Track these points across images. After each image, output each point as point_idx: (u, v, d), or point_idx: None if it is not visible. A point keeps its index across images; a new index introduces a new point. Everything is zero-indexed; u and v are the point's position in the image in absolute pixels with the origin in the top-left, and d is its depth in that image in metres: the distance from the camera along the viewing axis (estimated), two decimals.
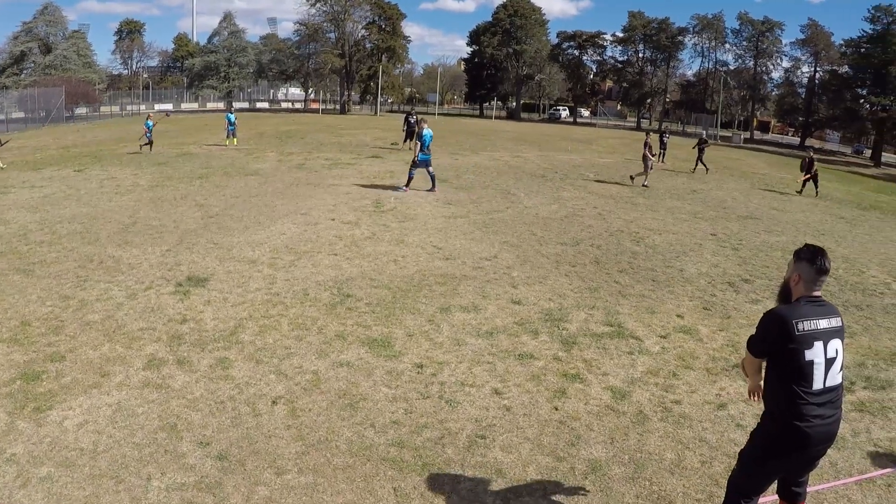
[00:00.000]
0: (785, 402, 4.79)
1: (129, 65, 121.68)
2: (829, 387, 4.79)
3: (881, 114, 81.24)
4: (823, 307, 4.90)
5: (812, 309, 4.83)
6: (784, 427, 4.80)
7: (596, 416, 7.70)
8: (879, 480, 6.67)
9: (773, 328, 4.82)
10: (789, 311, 4.83)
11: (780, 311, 4.88)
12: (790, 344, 4.72)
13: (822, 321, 4.80)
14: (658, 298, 12.38)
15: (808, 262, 4.88)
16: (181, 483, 6.00)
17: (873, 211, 28.27)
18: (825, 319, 4.83)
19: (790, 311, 4.83)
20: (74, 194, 20.03)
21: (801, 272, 4.92)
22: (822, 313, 4.84)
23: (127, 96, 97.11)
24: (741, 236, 18.68)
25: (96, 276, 11.94)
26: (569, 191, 25.45)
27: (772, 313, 4.91)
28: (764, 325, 4.92)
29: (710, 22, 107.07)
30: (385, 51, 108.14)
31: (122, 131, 48.54)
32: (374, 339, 9.56)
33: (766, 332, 4.90)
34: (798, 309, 4.83)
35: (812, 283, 4.89)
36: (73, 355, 8.59)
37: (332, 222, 17.18)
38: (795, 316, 4.76)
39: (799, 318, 4.74)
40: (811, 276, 4.87)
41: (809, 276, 4.88)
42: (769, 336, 4.87)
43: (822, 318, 4.82)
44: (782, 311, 4.87)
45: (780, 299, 5.14)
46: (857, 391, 8.81)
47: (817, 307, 4.86)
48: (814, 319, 4.77)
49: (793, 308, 4.86)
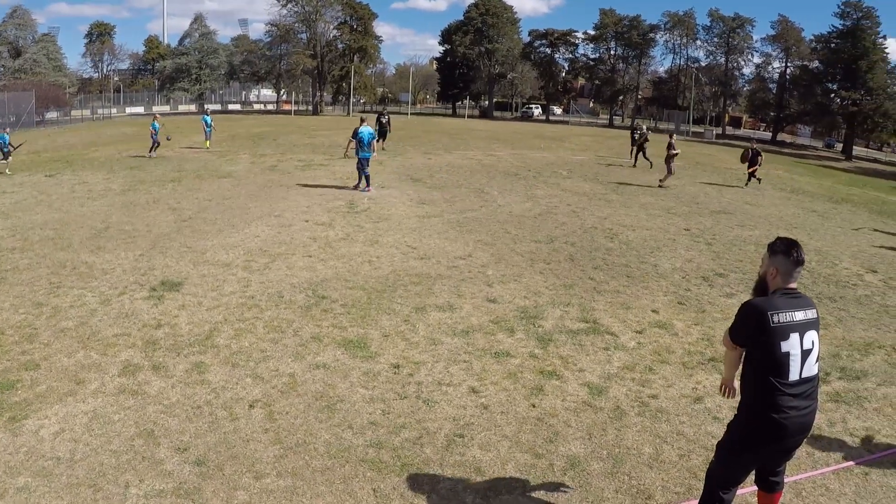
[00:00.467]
0: (761, 394, 4.83)
1: (99, 68, 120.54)
2: (804, 378, 4.84)
3: (852, 108, 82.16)
4: (799, 299, 4.95)
5: (787, 301, 4.88)
6: (761, 419, 4.84)
7: (573, 412, 7.74)
8: (856, 469, 6.77)
9: (750, 320, 4.88)
10: (765, 303, 4.88)
11: (755, 303, 4.93)
12: (765, 336, 4.77)
13: (797, 313, 4.85)
14: (633, 294, 12.44)
15: (783, 254, 4.94)
16: (160, 490, 5.97)
17: (845, 204, 28.53)
18: (801, 311, 4.88)
19: (766, 303, 4.88)
20: (46, 200, 19.87)
21: (777, 265, 4.97)
22: (797, 305, 4.89)
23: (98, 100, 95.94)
24: (714, 231, 18.80)
25: (69, 283, 11.85)
26: (542, 188, 25.49)
27: (748, 305, 4.96)
28: (741, 315, 4.98)
29: (682, 19, 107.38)
30: (357, 51, 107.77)
31: (94, 135, 48.15)
32: (350, 341, 9.55)
33: (743, 323, 4.95)
34: (773, 301, 4.88)
35: (788, 275, 4.94)
36: (47, 363, 8.53)
37: (306, 224, 17.14)
38: (770, 308, 4.81)
39: (774, 310, 4.80)
40: (787, 268, 4.92)
41: (785, 269, 4.93)
42: (746, 327, 4.92)
43: (797, 310, 4.87)
44: (758, 303, 4.92)
45: (757, 293, 5.17)
46: (833, 381, 8.93)
47: (793, 299, 4.91)
48: (789, 311, 4.82)
49: (768, 300, 4.90)
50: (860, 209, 27.36)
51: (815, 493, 6.32)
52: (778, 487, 5.44)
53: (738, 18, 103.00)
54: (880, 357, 10.01)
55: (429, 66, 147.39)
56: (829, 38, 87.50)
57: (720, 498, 5.19)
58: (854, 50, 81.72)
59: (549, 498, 6.11)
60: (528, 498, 6.10)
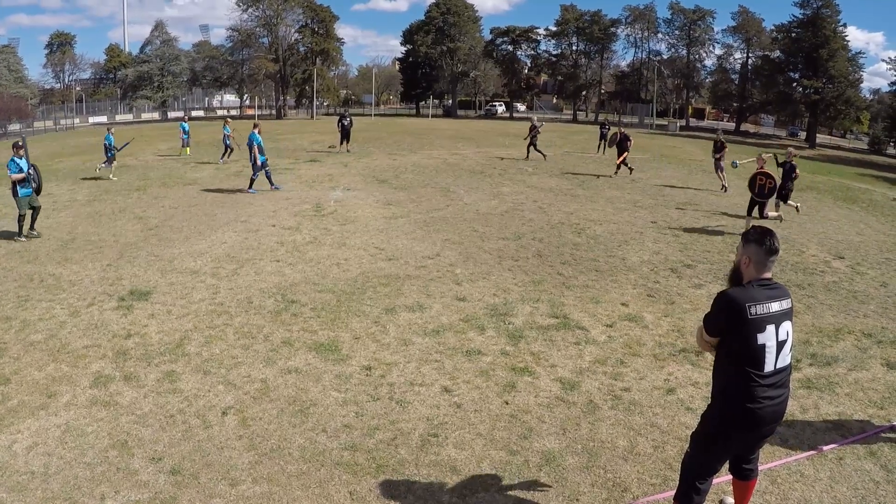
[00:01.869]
0: (736, 384, 4.86)
1: (61, 78, 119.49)
2: (779, 368, 4.89)
3: (814, 96, 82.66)
4: (775, 290, 4.96)
5: (764, 292, 4.88)
6: (735, 408, 4.87)
7: (546, 407, 7.78)
8: (830, 454, 6.86)
9: (726, 311, 4.87)
10: (742, 294, 4.86)
11: (732, 294, 4.91)
12: (742, 327, 4.78)
13: (773, 304, 4.86)
14: (602, 288, 12.52)
15: (756, 243, 4.91)
16: (135, 500, 5.96)
17: (810, 191, 28.75)
18: (777, 302, 4.89)
19: (743, 294, 4.86)
20: (11, 213, 19.63)
21: (750, 254, 4.95)
22: (774, 296, 4.90)
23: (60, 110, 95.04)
24: (681, 223, 18.94)
25: (37, 295, 11.75)
26: (508, 186, 25.55)
27: (725, 296, 4.93)
28: (717, 306, 4.95)
29: (642, 13, 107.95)
30: (319, 53, 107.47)
31: (58, 146, 47.66)
32: (320, 344, 9.55)
33: (718, 314, 4.93)
34: (750, 292, 4.86)
35: (762, 264, 4.92)
36: (17, 377, 8.46)
37: (273, 228, 17.09)
38: (748, 299, 4.80)
39: (752, 301, 4.79)
40: (761, 257, 4.90)
41: (759, 258, 4.91)
42: (721, 319, 4.91)
43: (773, 301, 4.88)
44: (735, 294, 4.89)
45: (731, 282, 5.16)
46: (804, 368, 9.05)
47: (769, 290, 4.91)
48: (766, 303, 4.83)
49: (745, 291, 4.88)
50: (825, 196, 27.62)
51: (790, 480, 6.40)
52: (752, 475, 5.50)
53: (699, 11, 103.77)
54: (850, 342, 10.15)
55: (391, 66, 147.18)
56: (789, 28, 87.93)
57: (696, 488, 5.22)
58: (815, 39, 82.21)
59: (526, 495, 6.14)
60: (505, 495, 6.13)
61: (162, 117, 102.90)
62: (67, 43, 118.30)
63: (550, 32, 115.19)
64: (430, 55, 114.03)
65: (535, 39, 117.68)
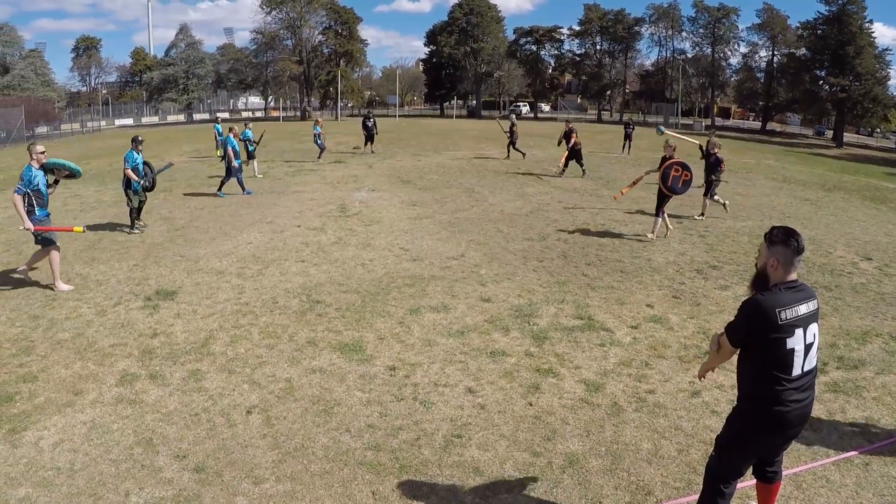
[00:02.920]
0: (763, 388, 4.78)
1: (87, 81, 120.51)
2: (806, 371, 4.81)
3: (840, 94, 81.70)
4: (803, 291, 4.84)
5: (792, 295, 4.76)
6: (763, 412, 4.80)
7: (571, 409, 7.75)
8: (857, 460, 6.78)
9: (756, 318, 4.72)
10: (771, 299, 4.72)
11: (761, 300, 4.75)
12: (773, 334, 4.66)
13: (801, 307, 4.75)
14: (627, 289, 12.46)
15: (782, 244, 4.77)
16: (159, 497, 5.99)
17: (837, 192, 28.52)
18: (804, 304, 4.78)
19: (771, 299, 4.72)
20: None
21: (776, 256, 4.80)
22: (801, 298, 4.79)
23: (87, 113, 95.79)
24: (707, 223, 18.84)
25: (65, 295, 11.84)
26: (533, 186, 25.51)
27: (753, 302, 4.78)
28: (745, 314, 4.80)
29: (666, 11, 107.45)
30: (343, 55, 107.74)
31: (84, 148, 48.08)
32: (345, 344, 9.57)
33: (747, 322, 4.78)
34: (779, 296, 4.73)
35: (789, 265, 4.78)
36: (45, 375, 8.53)
37: (298, 229, 17.14)
38: (778, 304, 4.68)
39: (781, 306, 4.67)
40: (788, 258, 4.76)
41: (786, 259, 4.76)
42: (751, 326, 4.76)
43: (801, 303, 4.76)
44: (764, 300, 4.74)
45: (756, 286, 4.98)
46: (831, 372, 8.95)
47: (797, 292, 4.79)
48: (795, 306, 4.72)
49: (774, 296, 4.74)
50: (853, 196, 27.38)
51: (815, 486, 6.33)
52: (777, 478, 5.45)
53: (723, 8, 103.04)
54: (878, 346, 10.02)
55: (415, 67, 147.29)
56: (815, 25, 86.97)
57: (721, 492, 5.16)
58: (841, 35, 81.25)
59: (548, 497, 6.12)
60: (528, 497, 6.11)
61: (187, 119, 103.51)
62: (93, 47, 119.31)
63: (574, 32, 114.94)
64: (453, 56, 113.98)
65: (559, 39, 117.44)
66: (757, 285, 4.98)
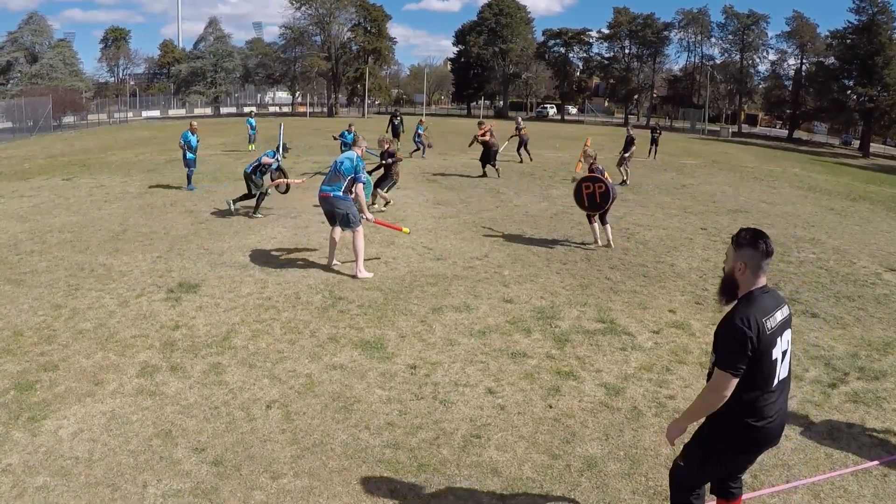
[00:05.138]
0: (744, 404, 4.51)
1: (115, 72, 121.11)
2: (782, 379, 4.63)
3: (868, 104, 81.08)
4: (776, 298, 4.66)
5: (770, 301, 4.56)
6: (744, 428, 4.57)
7: (590, 412, 7.71)
8: (875, 471, 6.68)
9: (746, 339, 4.35)
10: (753, 309, 4.45)
11: (745, 314, 4.42)
12: (761, 346, 4.38)
13: (777, 314, 4.55)
14: (650, 294, 12.40)
15: (751, 246, 4.54)
16: (177, 489, 5.99)
17: (863, 202, 28.27)
18: (779, 311, 4.58)
19: (754, 309, 4.45)
20: (64, 203, 19.97)
21: (744, 259, 4.55)
22: (776, 305, 4.59)
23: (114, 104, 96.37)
24: (731, 230, 18.57)
25: (87, 285, 11.91)
26: (558, 188, 25.41)
27: (738, 319, 4.43)
28: (734, 338, 4.40)
29: (696, 16, 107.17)
30: (371, 52, 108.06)
31: (111, 139, 48.34)
32: (366, 341, 9.56)
33: (740, 346, 4.36)
34: (759, 304, 4.49)
35: (758, 269, 4.53)
36: (66, 364, 8.57)
37: (323, 225, 17.05)
38: (761, 314, 4.43)
39: (766, 314, 4.45)
40: (757, 261, 4.52)
41: (755, 262, 4.52)
42: (745, 349, 4.36)
43: (777, 310, 4.56)
44: (748, 313, 4.42)
45: (724, 293, 4.76)
46: (852, 382, 8.82)
47: (771, 299, 4.59)
48: (773, 314, 4.51)
49: (753, 305, 4.48)
50: (878, 207, 27.13)
51: (833, 495, 6.25)
52: (740, 492, 5.32)
53: (753, 15, 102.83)
54: None
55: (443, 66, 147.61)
56: (844, 34, 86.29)
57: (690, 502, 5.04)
58: (870, 45, 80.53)
59: (566, 499, 6.09)
60: (545, 499, 6.08)
61: (214, 113, 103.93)
62: (122, 38, 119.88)
63: (603, 35, 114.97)
64: (481, 56, 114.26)
65: (588, 42, 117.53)
66: (725, 291, 4.77)
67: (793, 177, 30.50)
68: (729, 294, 4.70)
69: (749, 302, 4.51)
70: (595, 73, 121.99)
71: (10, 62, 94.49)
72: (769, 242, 4.57)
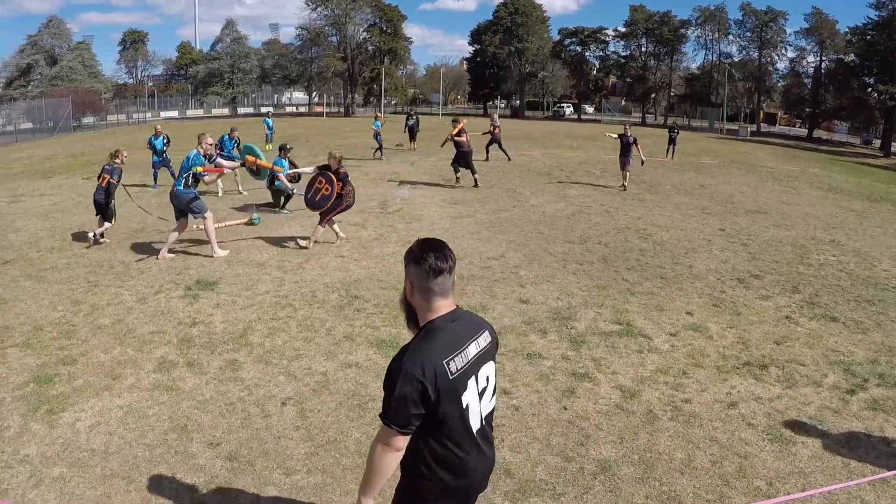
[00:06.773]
0: (438, 461, 3.63)
1: (133, 74, 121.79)
2: (485, 420, 3.82)
3: (889, 102, 79.71)
4: (470, 324, 3.80)
5: (458, 333, 3.64)
6: (441, 487, 3.68)
7: (605, 415, 7.69)
8: (893, 481, 6.60)
9: (416, 388, 3.37)
10: (431, 349, 3.48)
11: (417, 357, 3.43)
12: (444, 392, 3.44)
13: (471, 347, 3.65)
14: (667, 296, 12.35)
15: (414, 262, 3.61)
16: (192, 483, 6.06)
17: (884, 203, 27.93)
18: (473, 343, 3.69)
19: (432, 348, 3.49)
20: (83, 201, 20.08)
21: (411, 278, 3.67)
22: (469, 335, 3.70)
23: (133, 105, 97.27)
24: (750, 231, 18.59)
25: (107, 281, 12.01)
26: (575, 188, 25.38)
27: (408, 363, 3.42)
28: (400, 383, 3.37)
29: (713, 13, 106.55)
30: (387, 53, 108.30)
31: (130, 139, 48.56)
32: (382, 340, 9.58)
33: (408, 394, 3.37)
34: (439, 340, 3.54)
35: (428, 291, 3.60)
36: (84, 359, 8.66)
37: (339, 224, 17.18)
38: (443, 354, 3.49)
39: (448, 354, 3.51)
40: (424, 282, 3.58)
41: (422, 284, 3.59)
42: (416, 400, 3.39)
43: (470, 342, 3.66)
44: (422, 356, 3.43)
45: (408, 319, 3.82)
46: (871, 388, 8.69)
47: (464, 328, 3.72)
48: (463, 349, 3.60)
49: (433, 342, 3.52)
50: None
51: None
52: None
53: (771, 12, 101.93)
54: None
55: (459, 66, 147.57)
56: (864, 30, 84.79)
57: None
58: (891, 42, 78.78)
59: (579, 502, 6.07)
60: (558, 501, 6.06)
61: (231, 113, 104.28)
62: (140, 40, 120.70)
63: (619, 33, 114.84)
64: (497, 55, 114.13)
65: (604, 40, 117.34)
66: (408, 317, 3.83)
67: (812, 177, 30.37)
68: (413, 321, 3.79)
69: (427, 337, 3.56)
70: (612, 72, 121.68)
71: (30, 65, 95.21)
72: (437, 257, 3.59)
